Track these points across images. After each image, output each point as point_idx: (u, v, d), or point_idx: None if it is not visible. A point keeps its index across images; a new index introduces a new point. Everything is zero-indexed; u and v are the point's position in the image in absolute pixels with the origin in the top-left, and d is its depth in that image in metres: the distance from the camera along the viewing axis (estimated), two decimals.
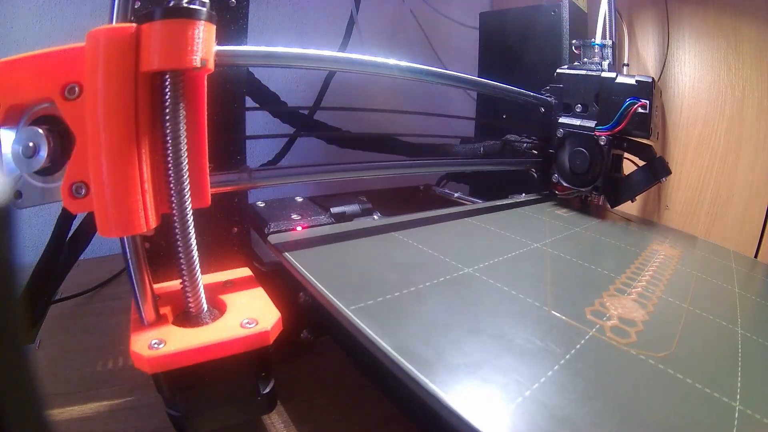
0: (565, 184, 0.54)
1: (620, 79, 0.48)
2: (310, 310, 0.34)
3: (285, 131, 0.60)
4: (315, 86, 0.66)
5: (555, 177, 0.55)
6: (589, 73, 0.51)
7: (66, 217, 0.34)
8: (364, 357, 0.24)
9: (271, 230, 0.35)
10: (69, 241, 0.35)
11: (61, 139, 0.21)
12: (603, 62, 0.54)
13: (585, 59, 0.55)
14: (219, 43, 0.24)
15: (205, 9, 0.21)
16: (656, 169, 0.49)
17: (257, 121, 0.57)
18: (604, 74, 0.49)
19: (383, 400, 0.26)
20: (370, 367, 0.26)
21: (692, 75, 0.64)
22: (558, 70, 0.54)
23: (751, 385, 0.21)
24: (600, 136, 0.49)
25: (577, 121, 0.52)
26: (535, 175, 0.57)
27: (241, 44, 0.32)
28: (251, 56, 0.29)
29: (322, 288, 0.26)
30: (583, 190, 0.53)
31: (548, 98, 0.55)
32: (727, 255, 0.45)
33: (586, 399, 0.18)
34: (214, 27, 0.22)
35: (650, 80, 0.46)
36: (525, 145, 0.57)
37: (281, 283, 0.32)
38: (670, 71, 0.66)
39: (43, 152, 0.21)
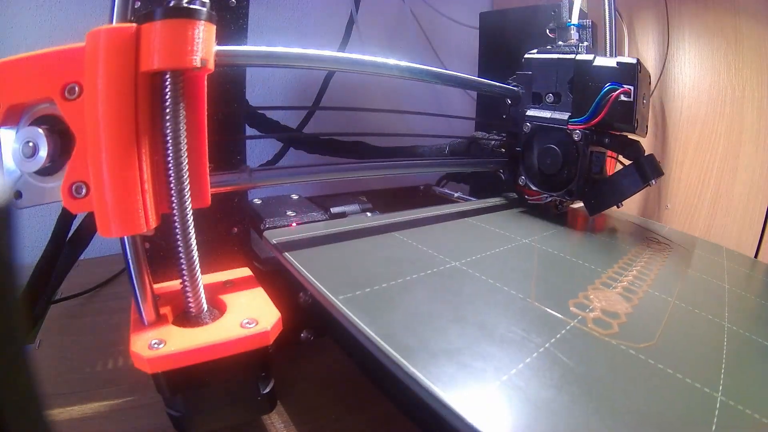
0: (533, 188, 0.47)
1: (598, 62, 0.41)
2: (310, 310, 0.34)
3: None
4: (314, 86, 0.66)
5: (522, 179, 0.47)
6: (562, 56, 0.44)
7: (66, 217, 0.34)
8: (363, 357, 0.24)
9: (267, 226, 0.36)
10: (69, 241, 0.35)
11: (61, 139, 0.21)
12: (581, 45, 0.46)
13: (560, 42, 0.47)
14: (219, 43, 0.24)
15: (205, 9, 0.21)
16: (645, 169, 0.41)
17: None
18: (580, 57, 0.42)
19: (383, 400, 0.26)
20: (369, 366, 0.26)
21: (692, 75, 0.64)
22: (526, 55, 0.47)
23: (735, 377, 0.22)
24: (574, 129, 0.42)
25: (547, 114, 0.45)
26: (503, 176, 0.51)
27: (241, 44, 0.32)
28: (251, 56, 0.29)
29: (313, 279, 0.26)
30: (554, 194, 0.45)
31: (514, 87, 0.48)
32: (719, 252, 0.45)
33: (563, 385, 0.19)
34: (214, 27, 0.22)
35: (635, 62, 0.39)
36: (493, 142, 0.51)
37: (281, 283, 0.32)
38: (670, 71, 0.66)
39: (43, 152, 0.21)
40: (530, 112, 0.47)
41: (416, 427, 0.23)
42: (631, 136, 0.43)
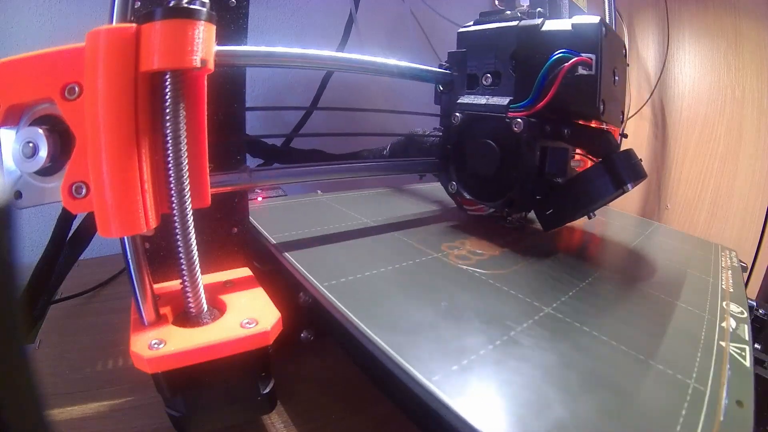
0: (467, 196, 0.36)
1: (548, 26, 0.31)
2: (310, 310, 0.34)
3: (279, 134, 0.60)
4: (313, 86, 0.67)
5: (452, 185, 0.37)
6: (503, 24, 0.33)
7: (66, 217, 0.34)
8: (363, 357, 0.24)
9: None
10: (69, 241, 0.35)
11: (61, 139, 0.21)
12: (532, 12, 0.35)
13: (507, 12, 0.36)
14: (219, 43, 0.24)
15: (205, 9, 0.21)
16: (617, 170, 0.30)
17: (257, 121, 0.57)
18: (524, 23, 0.32)
19: (383, 400, 0.26)
20: (369, 366, 0.26)
21: (692, 75, 0.64)
22: (459, 30, 0.37)
23: (566, 302, 0.27)
24: (514, 118, 0.31)
25: (482, 100, 0.34)
26: (441, 182, 0.42)
27: (241, 44, 0.32)
28: (251, 56, 0.29)
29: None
30: (489, 204, 0.35)
31: (446, 71, 0.38)
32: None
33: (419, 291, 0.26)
34: (214, 27, 0.22)
35: (596, 22, 0.28)
36: (432, 140, 0.42)
37: (281, 283, 0.32)
38: (670, 71, 0.66)
39: (43, 152, 0.21)
40: (462, 99, 0.36)
41: (416, 427, 0.23)
42: (598, 125, 0.32)
